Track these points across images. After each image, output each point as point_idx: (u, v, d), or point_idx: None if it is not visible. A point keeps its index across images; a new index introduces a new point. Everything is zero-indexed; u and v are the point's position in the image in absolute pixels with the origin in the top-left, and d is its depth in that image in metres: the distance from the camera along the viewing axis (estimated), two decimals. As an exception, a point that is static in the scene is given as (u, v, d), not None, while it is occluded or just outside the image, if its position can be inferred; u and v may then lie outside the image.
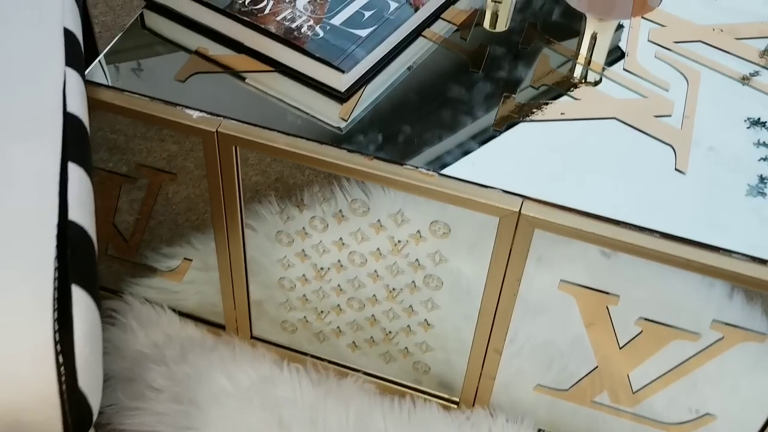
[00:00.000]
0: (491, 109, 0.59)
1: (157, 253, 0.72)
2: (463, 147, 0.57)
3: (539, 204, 0.53)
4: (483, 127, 0.58)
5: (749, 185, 0.55)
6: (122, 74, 0.62)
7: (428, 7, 0.64)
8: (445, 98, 0.60)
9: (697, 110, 0.59)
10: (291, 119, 0.58)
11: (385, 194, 0.57)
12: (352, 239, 0.61)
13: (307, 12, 0.61)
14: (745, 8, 0.69)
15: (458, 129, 0.58)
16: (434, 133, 0.58)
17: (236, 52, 0.62)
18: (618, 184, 0.55)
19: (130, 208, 0.69)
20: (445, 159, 0.56)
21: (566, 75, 0.62)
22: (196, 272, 0.72)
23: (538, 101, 0.60)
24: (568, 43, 0.65)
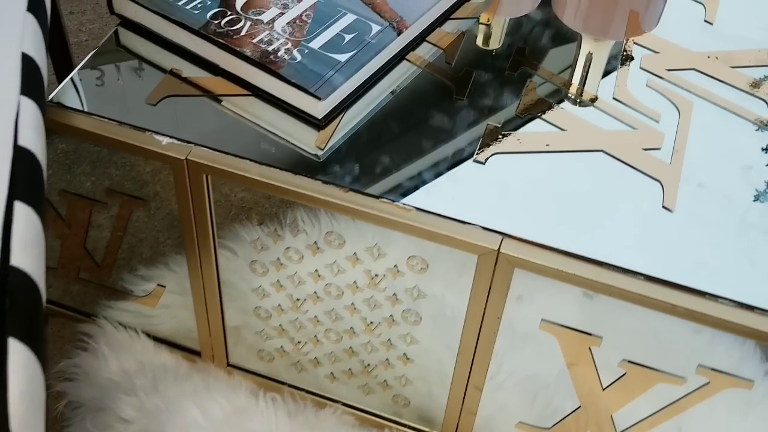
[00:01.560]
0: (474, 139, 0.57)
1: (131, 277, 0.70)
2: (443, 179, 0.55)
3: (519, 242, 0.51)
4: (465, 158, 0.56)
5: (739, 226, 0.53)
6: (92, 95, 0.60)
7: (412, 31, 0.62)
8: (426, 126, 0.58)
9: (687, 143, 0.57)
10: (267, 146, 0.56)
11: (361, 227, 0.55)
12: (328, 271, 0.59)
13: (285, 34, 0.59)
14: (743, 35, 0.67)
15: (439, 160, 0.56)
16: (414, 164, 0.56)
17: (212, 74, 0.60)
18: (602, 221, 0.53)
19: (103, 231, 0.68)
20: (424, 192, 0.54)
21: (553, 104, 0.60)
22: (172, 296, 0.70)
23: (523, 131, 0.58)
24: (557, 69, 0.63)
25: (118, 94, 0.60)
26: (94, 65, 0.62)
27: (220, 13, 0.60)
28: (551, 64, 0.63)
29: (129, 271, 0.70)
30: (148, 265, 0.70)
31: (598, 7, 0.72)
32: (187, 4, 0.61)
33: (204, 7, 0.61)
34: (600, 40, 0.68)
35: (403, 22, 0.61)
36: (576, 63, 0.67)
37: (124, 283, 0.70)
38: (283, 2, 0.62)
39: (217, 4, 0.61)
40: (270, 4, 0.61)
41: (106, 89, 0.61)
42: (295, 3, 0.61)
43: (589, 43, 0.69)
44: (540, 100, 0.60)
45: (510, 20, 0.68)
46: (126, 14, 0.63)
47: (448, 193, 0.54)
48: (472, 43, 0.65)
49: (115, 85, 0.61)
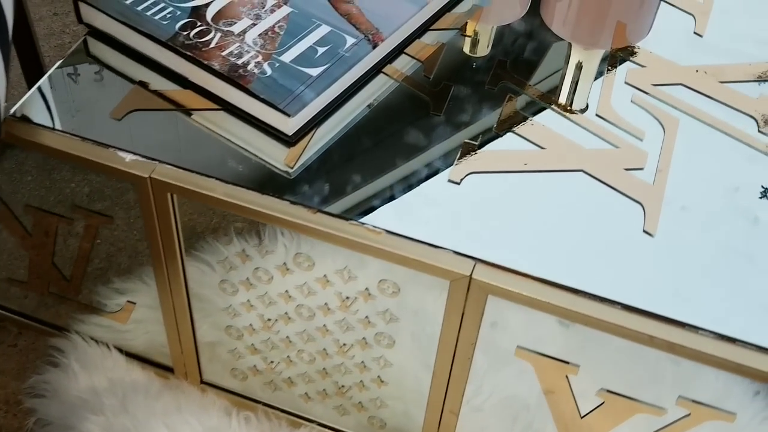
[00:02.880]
0: (450, 157, 0.55)
1: (102, 291, 0.68)
2: (416, 200, 0.53)
3: (492, 268, 0.49)
4: (439, 178, 0.54)
5: (722, 252, 0.50)
6: (56, 108, 0.58)
7: (389, 43, 0.59)
8: (401, 143, 0.56)
9: (672, 163, 0.55)
10: (236, 163, 0.54)
11: (332, 248, 0.53)
12: (299, 292, 0.57)
13: (256, 47, 0.57)
14: (733, 48, 0.64)
15: (413, 179, 0.54)
16: (387, 184, 0.54)
17: (182, 87, 0.58)
18: (580, 246, 0.50)
19: (73, 244, 0.66)
20: (396, 213, 0.52)
21: (533, 120, 0.58)
22: (145, 311, 0.68)
23: (500, 149, 0.55)
24: (540, 83, 0.61)
25: (84, 107, 0.59)
26: (61, 75, 0.60)
27: (190, 23, 0.58)
28: (533, 77, 0.61)
29: (99, 286, 0.68)
30: (119, 280, 0.68)
31: (587, 16, 0.70)
32: (156, 14, 0.59)
33: (173, 17, 0.58)
34: (590, 49, 0.66)
35: (379, 35, 0.59)
36: (565, 73, 0.65)
37: (95, 298, 0.68)
38: (255, 13, 0.60)
39: (187, 15, 0.59)
40: (242, 14, 0.59)
41: (72, 102, 0.59)
42: (268, 14, 0.59)
43: (579, 52, 0.67)
44: (520, 116, 0.58)
45: (497, 28, 0.67)
46: (95, 24, 0.61)
47: (421, 214, 0.52)
48: (452, 55, 0.63)
49: (82, 97, 0.59)
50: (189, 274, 0.60)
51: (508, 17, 0.69)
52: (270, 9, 0.60)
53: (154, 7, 0.59)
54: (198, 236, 0.60)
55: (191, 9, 0.59)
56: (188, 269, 0.60)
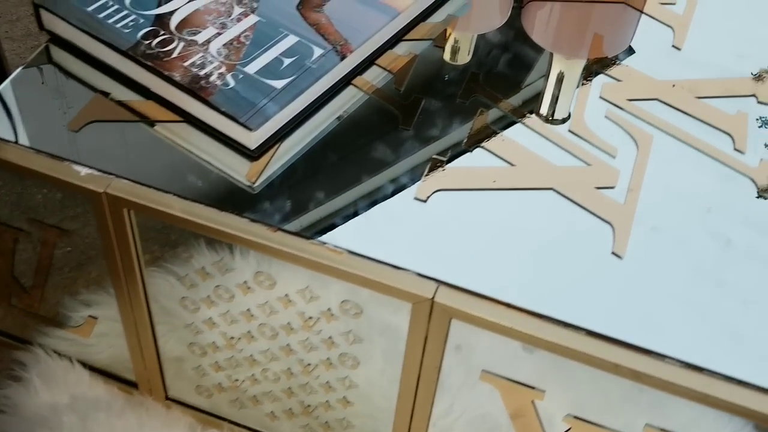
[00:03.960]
0: (417, 174, 0.53)
1: (67, 304, 0.67)
2: (381, 218, 0.51)
3: (455, 291, 0.47)
4: (406, 196, 0.52)
5: (692, 276, 0.49)
6: (12, 118, 0.56)
7: (358, 55, 0.58)
8: (368, 159, 0.54)
9: (644, 182, 0.53)
10: (198, 177, 0.52)
11: (293, 267, 0.52)
12: (261, 312, 0.55)
13: (220, 57, 0.55)
14: (712, 61, 0.63)
15: (378, 196, 0.52)
16: (351, 201, 0.52)
17: (144, 97, 0.56)
18: (547, 268, 0.49)
19: (29, 259, 0.64)
20: (359, 232, 0.50)
21: (504, 136, 0.56)
22: (109, 323, 0.67)
23: (469, 166, 0.54)
24: (514, 96, 0.59)
25: (42, 117, 0.57)
26: (21, 83, 0.58)
27: (153, 32, 0.56)
28: (508, 90, 0.60)
29: (64, 298, 0.67)
30: (86, 291, 0.66)
31: (568, 25, 0.69)
32: (119, 22, 0.57)
33: (136, 25, 0.57)
34: (571, 58, 0.65)
35: (348, 46, 0.57)
36: (546, 83, 0.64)
37: (60, 311, 0.67)
38: (221, 21, 0.58)
39: (150, 23, 0.57)
40: (207, 23, 0.58)
41: (30, 111, 0.57)
42: (234, 23, 0.58)
43: (561, 62, 0.66)
44: (491, 131, 0.56)
45: (477, 36, 0.65)
46: (56, 31, 0.59)
47: (386, 233, 0.50)
48: (425, 66, 0.61)
49: (41, 106, 0.57)
50: (154, 285, 0.59)
51: (487, 26, 0.67)
52: (237, 18, 0.58)
53: (116, 15, 0.58)
54: (169, 246, 0.59)
55: (155, 17, 0.58)
56: (154, 281, 0.59)
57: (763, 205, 0.53)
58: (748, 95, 0.60)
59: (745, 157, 0.55)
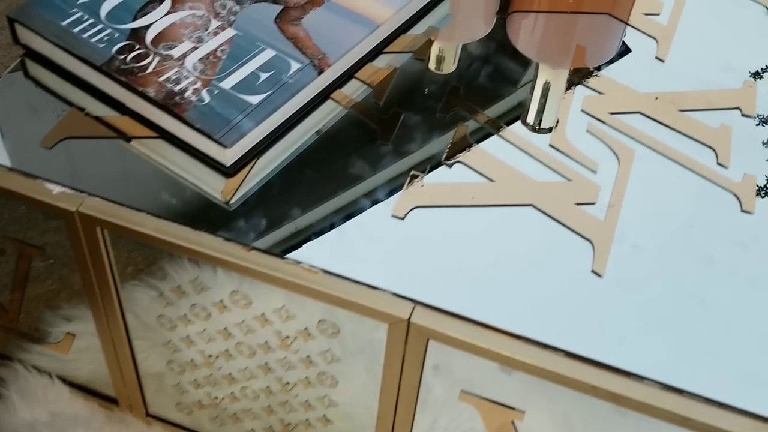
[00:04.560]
0: (395, 190, 0.53)
1: (46, 319, 0.66)
2: (358, 236, 0.50)
3: (432, 311, 0.46)
4: (383, 213, 0.51)
5: (672, 295, 0.48)
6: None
7: (336, 69, 0.57)
8: (345, 175, 0.53)
9: (625, 197, 0.53)
10: (174, 194, 0.52)
11: (269, 286, 0.51)
12: (238, 330, 0.55)
13: (195, 72, 0.55)
14: (696, 74, 0.62)
15: (356, 214, 0.52)
16: (328, 218, 0.51)
17: (120, 113, 0.56)
18: (525, 287, 0.48)
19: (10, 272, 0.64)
20: (335, 251, 0.49)
21: (484, 150, 0.55)
22: (90, 338, 0.66)
23: (448, 182, 0.53)
24: (494, 110, 0.59)
25: (17, 133, 0.56)
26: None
27: (128, 47, 0.56)
28: (489, 104, 0.59)
29: (44, 313, 0.66)
30: (61, 308, 0.65)
31: (553, 35, 0.68)
32: (94, 36, 0.56)
33: (111, 40, 0.56)
34: (557, 68, 0.65)
35: (326, 60, 0.57)
36: (533, 92, 0.63)
37: (39, 326, 0.66)
38: (197, 35, 0.57)
39: (125, 37, 0.56)
40: (183, 37, 0.57)
41: (4, 126, 0.56)
42: (211, 36, 0.57)
43: (547, 71, 0.65)
44: (470, 146, 0.56)
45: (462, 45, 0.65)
46: (32, 45, 0.58)
47: (363, 251, 0.49)
48: (405, 79, 0.60)
49: (15, 122, 0.56)
50: (132, 301, 0.58)
51: (472, 36, 0.67)
52: (213, 31, 0.57)
53: (91, 29, 0.57)
54: (144, 263, 0.58)
55: (130, 31, 0.57)
56: (132, 297, 0.58)
57: (746, 221, 0.52)
58: (732, 108, 0.59)
59: (729, 171, 0.55)
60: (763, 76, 0.64)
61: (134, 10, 0.58)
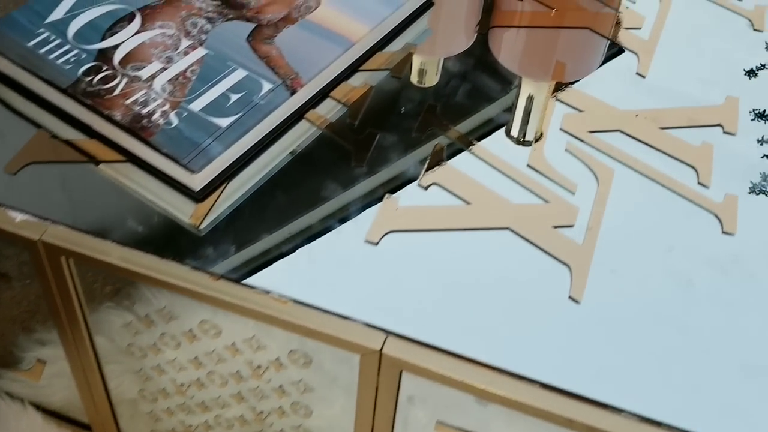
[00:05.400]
0: (369, 214, 0.51)
1: (20, 344, 0.65)
2: (330, 263, 0.49)
3: (405, 342, 0.45)
4: (356, 238, 0.50)
5: (652, 323, 0.47)
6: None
7: (309, 89, 0.55)
8: (318, 199, 0.52)
9: (604, 219, 0.51)
10: (142, 220, 0.50)
11: (237, 317, 0.50)
12: (209, 360, 0.53)
13: (164, 94, 0.53)
14: (677, 89, 0.61)
15: (328, 239, 0.50)
16: (299, 245, 0.50)
17: (88, 136, 0.54)
18: (501, 315, 0.47)
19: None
20: (306, 279, 0.48)
21: (461, 171, 0.54)
22: (63, 364, 0.64)
23: (423, 205, 0.52)
24: (471, 130, 0.57)
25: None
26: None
27: (95, 68, 0.54)
28: (465, 123, 0.58)
29: (13, 339, 0.65)
30: (33, 333, 0.64)
31: (535, 48, 0.67)
32: (60, 57, 0.54)
33: (78, 61, 0.54)
34: (539, 81, 0.63)
35: (299, 80, 0.55)
36: (516, 105, 0.62)
37: (11, 351, 0.65)
38: (167, 55, 0.56)
39: (93, 58, 0.55)
40: (152, 57, 0.55)
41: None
42: (181, 56, 0.55)
43: (530, 84, 0.64)
44: (447, 167, 0.54)
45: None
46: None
47: (335, 279, 0.48)
48: (381, 98, 0.59)
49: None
50: (103, 328, 0.57)
51: (453, 49, 0.66)
52: (184, 51, 0.56)
53: (58, 50, 0.55)
54: (119, 288, 0.57)
55: (98, 51, 0.55)
56: (102, 323, 0.57)
57: (726, 243, 0.51)
58: (714, 125, 0.58)
59: (710, 191, 0.54)
60: (758, 74, 0.63)
61: (103, 29, 0.57)
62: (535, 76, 0.64)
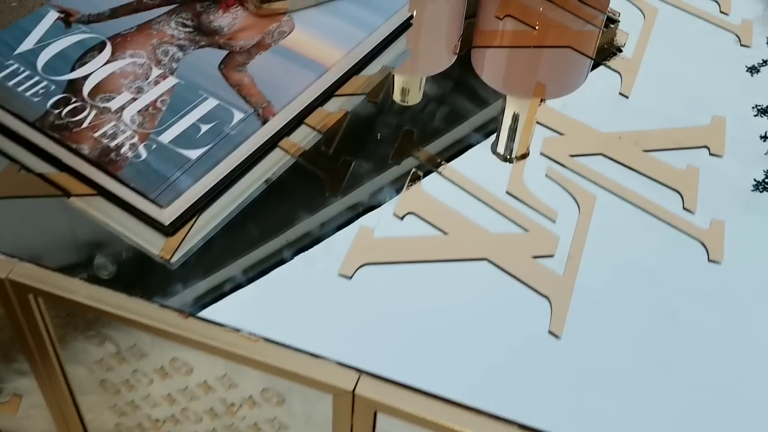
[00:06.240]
0: (343, 247, 0.50)
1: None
2: (302, 298, 0.48)
3: (378, 381, 0.44)
4: (330, 272, 0.49)
5: (633, 358, 0.45)
6: None
7: (282, 117, 0.54)
8: (291, 231, 0.51)
9: (585, 249, 0.50)
10: (112, 256, 0.49)
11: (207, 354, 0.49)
12: (182, 397, 0.52)
13: (133, 125, 0.52)
14: (660, 110, 0.59)
15: (301, 274, 0.48)
16: (271, 280, 0.48)
17: (59, 169, 0.53)
18: (478, 353, 0.45)
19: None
20: (278, 316, 0.46)
21: (438, 200, 0.53)
22: (40, 395, 0.64)
23: (399, 236, 0.50)
24: (449, 155, 0.56)
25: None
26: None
27: (63, 100, 0.53)
28: (443, 149, 0.56)
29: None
30: (14, 363, 0.63)
31: (517, 67, 0.66)
32: (29, 89, 0.53)
33: (47, 93, 0.53)
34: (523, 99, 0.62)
35: (271, 108, 0.54)
36: (501, 122, 0.61)
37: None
38: (137, 85, 0.54)
39: (62, 89, 0.54)
40: (122, 88, 0.54)
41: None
42: (151, 86, 0.54)
43: (515, 102, 0.63)
44: (423, 195, 0.53)
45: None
46: (-34, 98, 0.57)
47: (307, 315, 0.47)
48: (356, 124, 0.57)
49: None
50: (76, 363, 0.55)
51: (434, 68, 0.65)
52: (154, 80, 0.55)
53: (27, 82, 0.54)
54: (90, 324, 0.55)
55: (67, 83, 0.54)
56: (75, 359, 0.55)
57: (712, 272, 0.50)
58: (700, 147, 0.57)
59: (695, 217, 0.52)
60: (760, 70, 0.62)
61: (73, 59, 0.56)
62: (520, 93, 0.63)
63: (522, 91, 0.63)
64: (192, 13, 0.60)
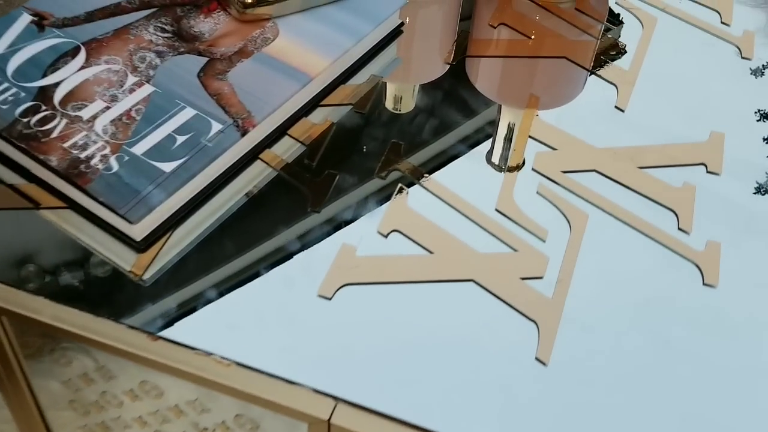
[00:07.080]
0: (324, 266, 0.47)
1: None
2: (278, 320, 0.45)
3: (355, 410, 0.42)
4: (309, 292, 0.46)
5: (625, 386, 0.43)
6: None
7: (262, 129, 0.52)
8: (270, 249, 0.48)
9: (575, 270, 0.48)
10: (81, 273, 0.47)
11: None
12: (154, 419, 0.50)
13: (105, 136, 0.50)
14: (657, 125, 0.57)
15: (279, 295, 0.47)
16: (247, 300, 0.46)
17: (28, 180, 0.51)
18: (462, 381, 0.43)
19: None
20: (253, 337, 0.44)
21: (424, 217, 0.51)
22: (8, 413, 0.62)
23: (382, 255, 0.48)
24: (437, 168, 0.55)
25: None
26: None
27: (33, 108, 0.51)
28: (430, 162, 0.54)
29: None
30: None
31: (512, 77, 0.64)
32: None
33: (16, 100, 0.51)
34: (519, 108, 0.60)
35: (251, 119, 0.52)
36: (496, 132, 0.59)
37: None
38: (111, 93, 0.52)
39: (32, 97, 0.51)
40: (95, 95, 0.52)
41: None
42: (126, 94, 0.52)
43: (511, 111, 0.61)
44: (409, 212, 0.51)
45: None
46: (-66, 104, 0.55)
47: (284, 338, 0.44)
48: (341, 136, 0.55)
49: None
50: (45, 383, 0.53)
51: (427, 76, 0.63)
52: (129, 88, 0.52)
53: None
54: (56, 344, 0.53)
55: (38, 90, 0.52)
56: (44, 379, 0.53)
57: (707, 296, 0.47)
58: (697, 164, 0.55)
59: (691, 238, 0.50)
60: (764, 72, 0.61)
61: (44, 65, 0.53)
62: (514, 103, 0.61)
63: (517, 100, 0.61)
64: (172, 17, 0.58)
